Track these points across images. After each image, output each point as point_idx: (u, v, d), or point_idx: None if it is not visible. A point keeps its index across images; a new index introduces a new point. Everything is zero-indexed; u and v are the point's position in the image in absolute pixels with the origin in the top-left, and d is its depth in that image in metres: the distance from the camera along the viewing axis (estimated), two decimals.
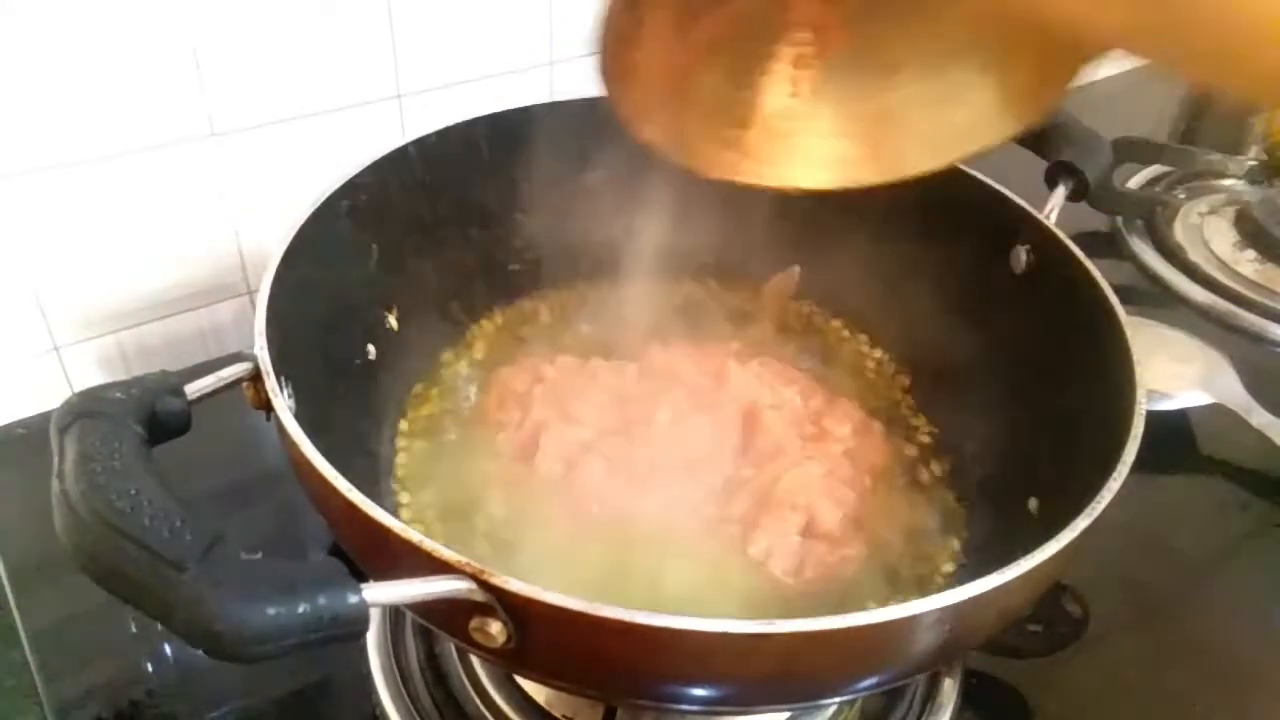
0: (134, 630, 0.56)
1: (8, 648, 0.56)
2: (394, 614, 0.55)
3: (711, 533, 0.48)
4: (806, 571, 0.46)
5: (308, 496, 0.38)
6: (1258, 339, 0.80)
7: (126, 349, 0.70)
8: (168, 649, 0.55)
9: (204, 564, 0.28)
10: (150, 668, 0.54)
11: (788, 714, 0.51)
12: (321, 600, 0.29)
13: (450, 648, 0.53)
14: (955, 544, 0.50)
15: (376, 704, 0.51)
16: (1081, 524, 0.36)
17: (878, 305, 0.61)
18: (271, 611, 0.28)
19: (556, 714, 0.50)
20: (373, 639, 0.53)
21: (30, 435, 0.66)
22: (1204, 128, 1.17)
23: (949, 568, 0.50)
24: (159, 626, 0.53)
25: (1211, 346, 0.73)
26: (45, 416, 0.64)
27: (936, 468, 0.53)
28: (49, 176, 0.61)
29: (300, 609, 0.28)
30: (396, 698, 0.51)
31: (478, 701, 0.51)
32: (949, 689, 0.53)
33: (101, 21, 0.58)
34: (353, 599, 0.29)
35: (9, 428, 0.66)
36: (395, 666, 0.52)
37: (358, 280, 0.54)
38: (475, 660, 0.52)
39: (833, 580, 0.47)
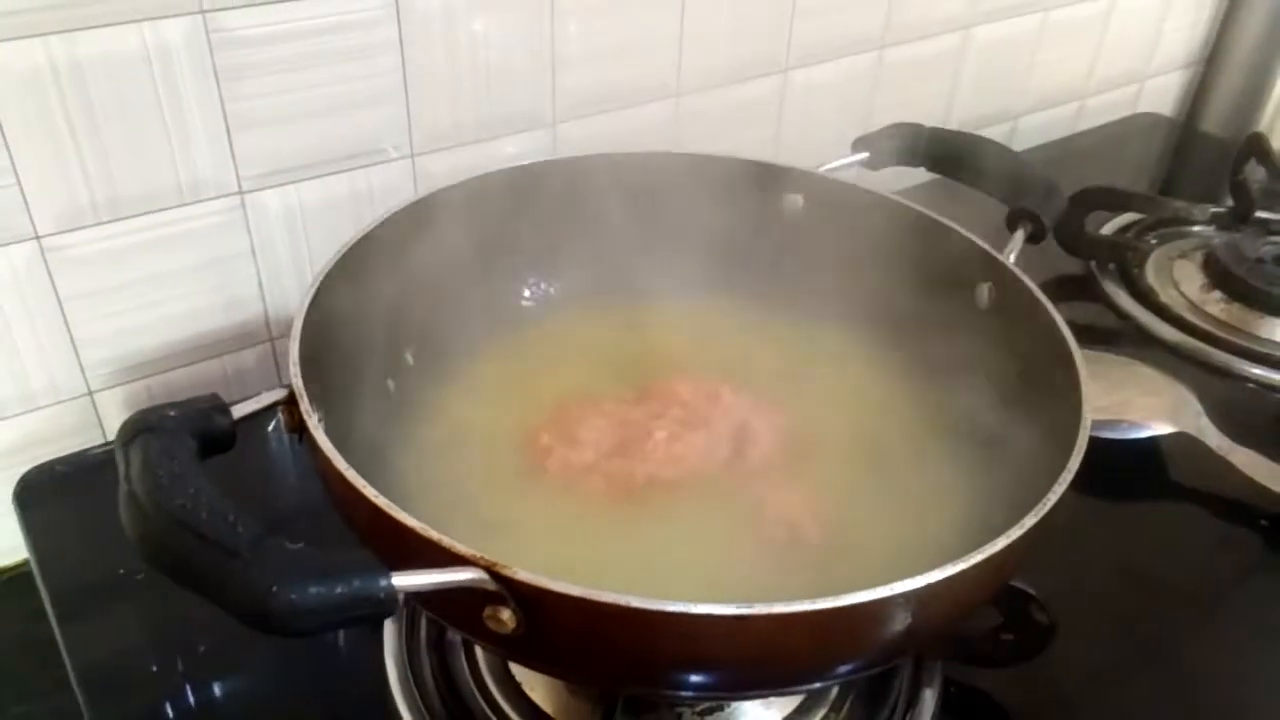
0: (154, 670, 0.59)
1: (52, 676, 0.59)
2: (409, 631, 0.59)
3: (703, 543, 0.52)
4: (793, 580, 0.50)
5: (335, 504, 0.42)
6: (1224, 374, 0.84)
7: (155, 393, 0.74)
8: (189, 692, 0.59)
9: (254, 551, 0.33)
10: (171, 710, 0.58)
11: (779, 719, 0.55)
12: (356, 583, 0.33)
13: (462, 660, 0.57)
14: (936, 550, 0.53)
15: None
16: (1029, 521, 0.40)
17: (859, 337, 0.65)
18: (313, 591, 0.32)
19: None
20: (390, 656, 0.57)
21: (69, 472, 0.70)
22: (1182, 178, 1.23)
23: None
24: (180, 667, 0.58)
25: (1179, 381, 0.78)
26: (80, 455, 0.70)
27: (916, 484, 0.58)
28: (87, 234, 0.66)
29: (338, 590, 0.33)
30: (412, 707, 0.55)
31: (486, 709, 0.55)
32: (929, 698, 0.57)
33: (139, 85, 0.63)
34: (383, 583, 0.34)
35: (49, 465, 0.70)
36: (411, 679, 0.56)
37: (378, 323, 0.58)
38: (484, 670, 0.56)
39: (821, 588, 0.51)
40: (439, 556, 0.37)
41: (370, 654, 0.57)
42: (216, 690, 0.58)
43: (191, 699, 0.58)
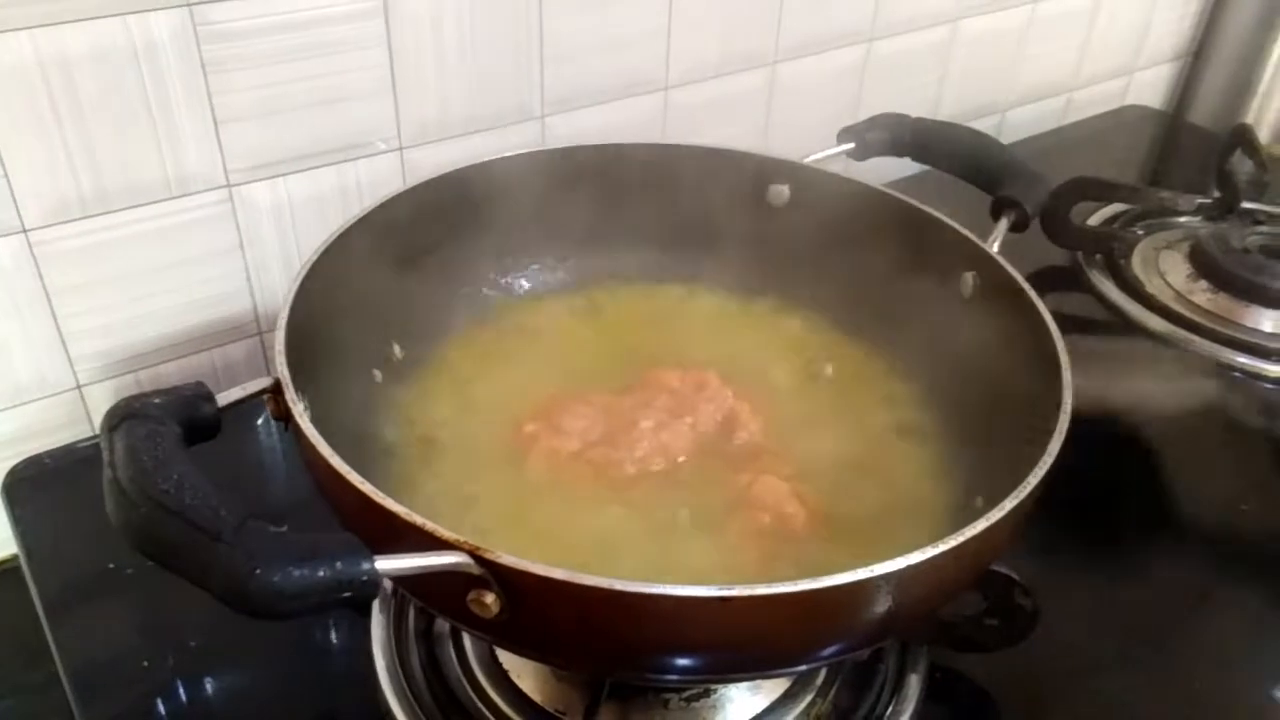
0: (145, 664, 0.60)
1: (40, 669, 0.59)
2: (396, 621, 0.59)
3: (690, 529, 0.52)
4: (779, 565, 0.51)
5: (321, 490, 0.43)
6: (1211, 363, 0.85)
7: (144, 386, 0.74)
8: (180, 685, 0.59)
9: (238, 534, 0.33)
10: (161, 704, 0.58)
11: (766, 704, 0.55)
12: (339, 565, 0.33)
13: (450, 650, 0.57)
14: (920, 533, 0.54)
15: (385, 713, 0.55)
16: (1008, 505, 0.41)
17: (844, 325, 0.66)
18: (296, 574, 0.33)
19: (549, 708, 0.54)
20: (378, 646, 0.58)
21: (57, 466, 0.70)
22: (1170, 170, 1.23)
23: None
24: (170, 661, 0.58)
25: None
26: (69, 448, 0.70)
27: (900, 469, 0.58)
28: (75, 228, 0.66)
29: (321, 573, 0.33)
30: (401, 697, 0.55)
31: (474, 698, 0.55)
32: (914, 682, 0.57)
33: (125, 78, 0.63)
34: (365, 566, 0.34)
35: (38, 459, 0.70)
36: (399, 669, 0.57)
37: (364, 313, 0.59)
38: (472, 659, 0.56)
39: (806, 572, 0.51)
40: (423, 540, 0.37)
41: (358, 644, 0.58)
42: (206, 684, 0.59)
43: (181, 693, 0.58)
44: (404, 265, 0.62)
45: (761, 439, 0.58)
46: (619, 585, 0.36)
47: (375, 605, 0.59)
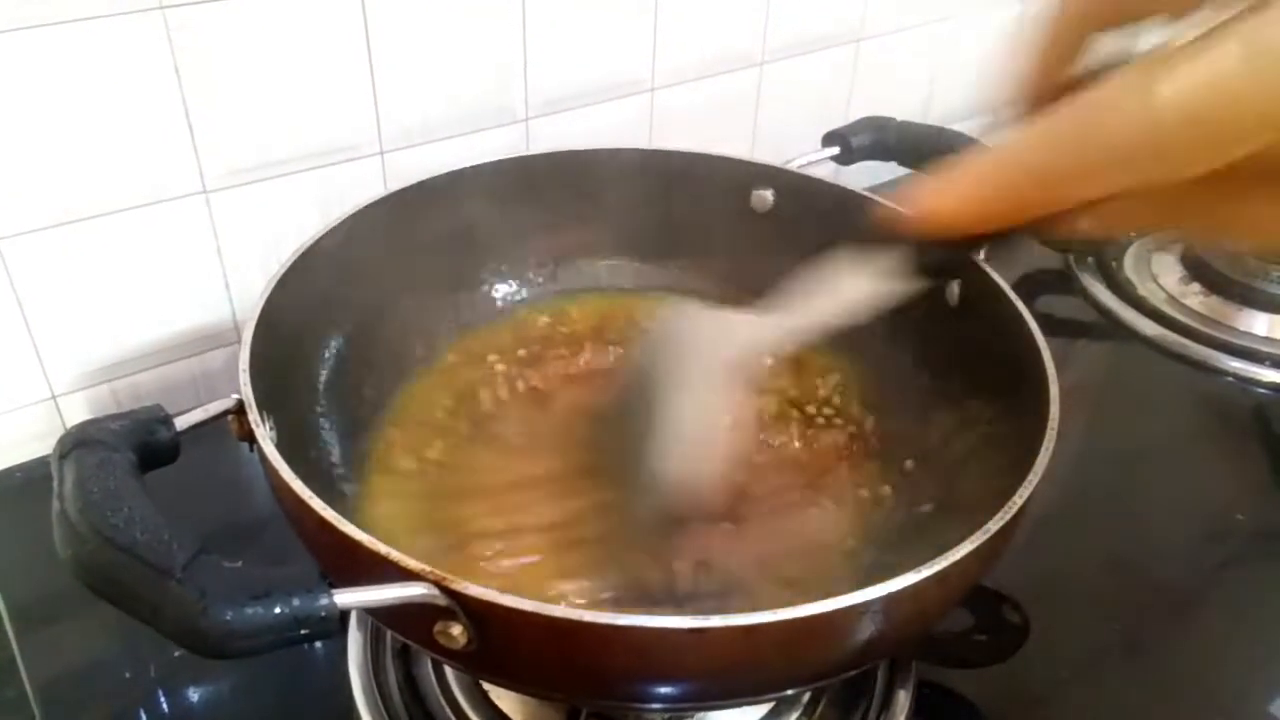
0: (128, 675, 0.58)
1: (7, 686, 0.58)
2: (374, 640, 0.58)
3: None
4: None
5: (285, 515, 0.41)
6: (1203, 367, 0.84)
7: (120, 396, 0.73)
8: (161, 696, 0.57)
9: (189, 571, 0.32)
10: (144, 715, 0.56)
11: None
12: (296, 602, 0.32)
13: (428, 669, 0.56)
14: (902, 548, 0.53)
15: None
16: (993, 527, 0.39)
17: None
18: (250, 612, 0.31)
19: None
20: (354, 665, 0.56)
21: (29, 479, 0.69)
22: None
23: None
24: (152, 671, 0.57)
25: None
26: (42, 461, 0.69)
27: (885, 488, 0.57)
28: (49, 236, 0.64)
29: (276, 610, 0.32)
30: (377, 716, 0.54)
31: (452, 718, 0.54)
32: (903, 699, 0.56)
33: (98, 84, 0.62)
34: (324, 601, 0.33)
35: (8, 472, 0.69)
36: (375, 688, 0.55)
37: (341, 323, 0.58)
38: (450, 679, 0.55)
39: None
40: (388, 571, 0.36)
41: (335, 663, 0.57)
42: (176, 703, 0.57)
43: (149, 714, 0.57)
44: (383, 273, 0.61)
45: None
46: (586, 617, 0.34)
47: (352, 623, 0.58)
